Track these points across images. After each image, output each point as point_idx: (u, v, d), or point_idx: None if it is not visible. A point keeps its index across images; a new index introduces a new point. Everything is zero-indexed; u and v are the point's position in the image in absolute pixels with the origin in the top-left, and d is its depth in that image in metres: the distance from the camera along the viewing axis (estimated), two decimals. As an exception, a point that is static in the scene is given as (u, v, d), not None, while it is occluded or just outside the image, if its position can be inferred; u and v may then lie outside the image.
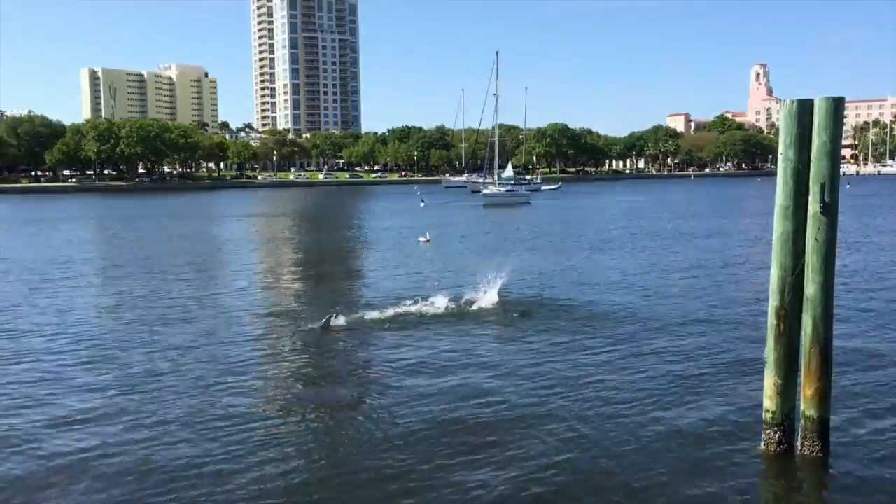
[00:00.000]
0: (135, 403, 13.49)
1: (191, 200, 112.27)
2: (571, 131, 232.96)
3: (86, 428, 12.28)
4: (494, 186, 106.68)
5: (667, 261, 33.74)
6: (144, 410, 13.10)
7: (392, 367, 15.66)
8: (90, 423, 12.50)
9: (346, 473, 10.40)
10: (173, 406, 13.30)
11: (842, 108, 9.88)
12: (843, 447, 10.89)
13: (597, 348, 17.10)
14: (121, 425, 12.39)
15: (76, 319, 21.42)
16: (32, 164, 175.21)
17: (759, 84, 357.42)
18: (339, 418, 12.72)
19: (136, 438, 11.77)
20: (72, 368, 15.98)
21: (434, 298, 22.13)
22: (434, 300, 22.00)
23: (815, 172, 9.81)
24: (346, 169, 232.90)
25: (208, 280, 29.41)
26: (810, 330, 10.08)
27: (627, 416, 12.50)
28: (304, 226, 62.53)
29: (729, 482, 10.00)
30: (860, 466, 10.40)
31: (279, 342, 18.14)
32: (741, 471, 10.32)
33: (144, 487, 10.01)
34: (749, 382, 13.89)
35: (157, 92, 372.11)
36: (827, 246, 9.87)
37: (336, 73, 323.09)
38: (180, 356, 16.80)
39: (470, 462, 10.68)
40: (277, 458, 10.95)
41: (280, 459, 10.89)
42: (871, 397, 13.31)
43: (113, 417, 12.77)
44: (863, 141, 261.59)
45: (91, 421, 12.62)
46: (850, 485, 9.92)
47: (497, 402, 13.30)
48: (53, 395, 14.09)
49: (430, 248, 40.71)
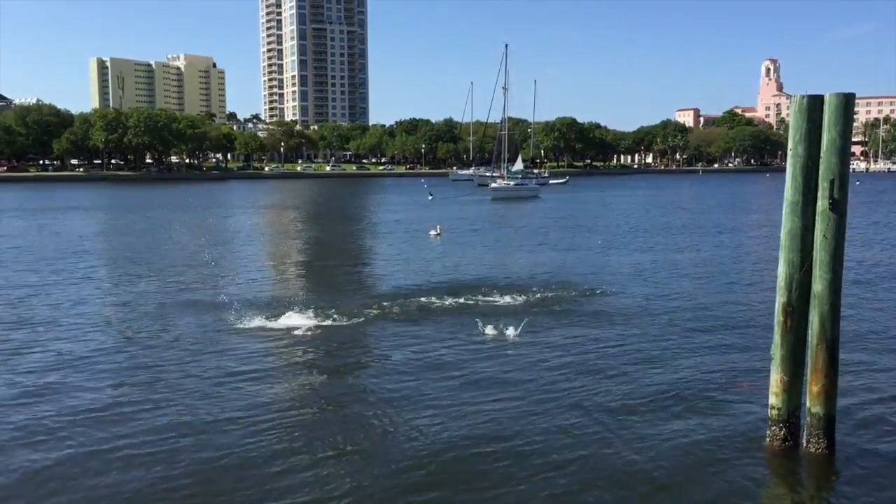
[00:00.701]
0: (148, 392, 13.57)
1: (199, 191, 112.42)
2: (580, 125, 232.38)
3: (97, 421, 12.34)
4: (503, 180, 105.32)
5: (675, 257, 33.71)
6: (156, 400, 13.17)
7: (401, 361, 15.69)
8: (101, 416, 12.56)
9: (359, 460, 10.45)
10: (189, 399, 13.36)
11: (852, 104, 9.82)
12: (849, 444, 10.87)
13: (605, 342, 17.09)
14: (139, 415, 12.45)
15: (89, 311, 21.52)
16: (40, 153, 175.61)
17: (770, 79, 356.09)
18: (349, 410, 12.76)
19: (153, 428, 11.84)
20: (84, 359, 16.06)
21: (447, 292, 22.35)
22: (447, 294, 22.27)
23: (825, 169, 9.77)
24: (354, 161, 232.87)
25: (220, 272, 29.48)
26: (817, 327, 10.05)
27: (632, 410, 12.49)
28: (314, 218, 62.53)
29: (733, 478, 9.99)
30: (865, 463, 10.38)
31: (295, 334, 18.12)
32: (746, 467, 10.31)
33: (166, 478, 10.07)
34: (755, 379, 13.86)
35: (165, 82, 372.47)
36: (835, 243, 9.83)
37: (344, 65, 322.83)
38: (197, 347, 16.83)
39: (479, 455, 10.71)
40: (289, 446, 11.00)
41: (289, 448, 10.94)
42: (877, 395, 13.27)
43: (129, 406, 12.84)
44: (873, 138, 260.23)
45: (101, 412, 12.69)
46: (855, 482, 9.90)
47: (507, 397, 13.33)
48: (68, 385, 14.16)
49: (440, 241, 40.76)
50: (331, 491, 9.66)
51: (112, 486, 9.78)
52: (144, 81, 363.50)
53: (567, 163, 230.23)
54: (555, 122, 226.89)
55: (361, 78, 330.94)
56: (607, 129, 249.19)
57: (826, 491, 9.91)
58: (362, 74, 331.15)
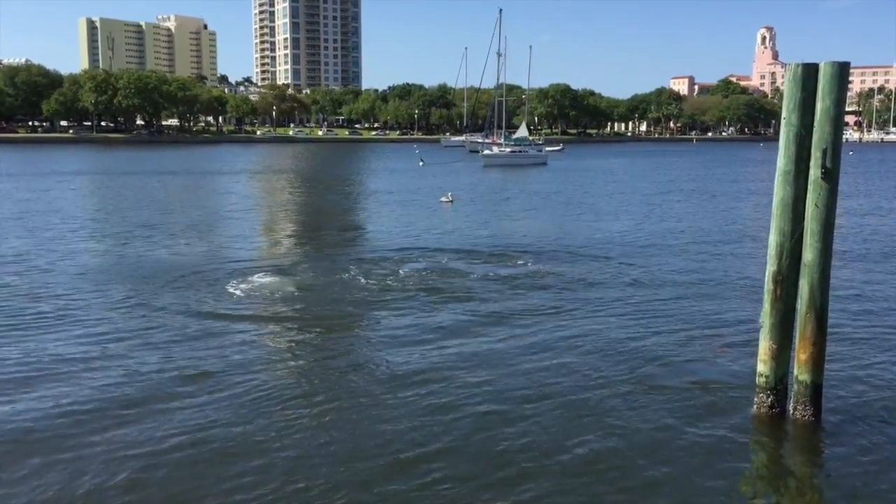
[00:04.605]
0: (138, 347, 13.61)
1: (191, 154, 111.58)
2: (574, 92, 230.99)
3: (67, 377, 12.38)
4: (497, 147, 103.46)
5: (666, 225, 33.79)
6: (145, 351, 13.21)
7: (417, 331, 15.70)
8: (70, 371, 12.61)
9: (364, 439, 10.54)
10: (178, 355, 13.41)
11: (846, 73, 9.78)
12: (834, 412, 11.00)
13: (599, 308, 17.19)
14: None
15: (73, 271, 21.48)
16: (29, 114, 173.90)
17: (765, 48, 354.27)
18: (358, 382, 12.84)
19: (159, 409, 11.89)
20: (63, 319, 16.06)
21: (462, 257, 23.26)
22: (462, 260, 22.96)
23: (818, 138, 9.76)
24: (346, 126, 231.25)
25: (218, 239, 29.34)
26: (807, 295, 10.12)
27: (620, 376, 12.61)
28: (311, 183, 61.80)
29: (720, 444, 10.11)
30: (850, 431, 10.52)
31: (314, 309, 18.07)
32: (732, 433, 10.43)
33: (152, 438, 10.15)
34: (743, 346, 13.98)
35: (155, 43, 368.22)
36: (827, 212, 9.86)
37: (337, 29, 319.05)
38: (209, 320, 16.65)
39: (480, 418, 10.82)
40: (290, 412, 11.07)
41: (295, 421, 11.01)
42: (863, 363, 13.41)
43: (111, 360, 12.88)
44: (867, 108, 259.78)
45: (89, 369, 12.73)
46: (840, 448, 10.04)
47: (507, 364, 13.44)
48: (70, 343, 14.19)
49: (452, 208, 40.67)
50: (329, 455, 9.76)
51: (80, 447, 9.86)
52: (134, 42, 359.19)
53: (561, 130, 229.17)
54: (548, 88, 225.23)
55: (354, 42, 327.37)
56: (601, 96, 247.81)
57: (812, 457, 10.05)
58: (355, 38, 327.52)
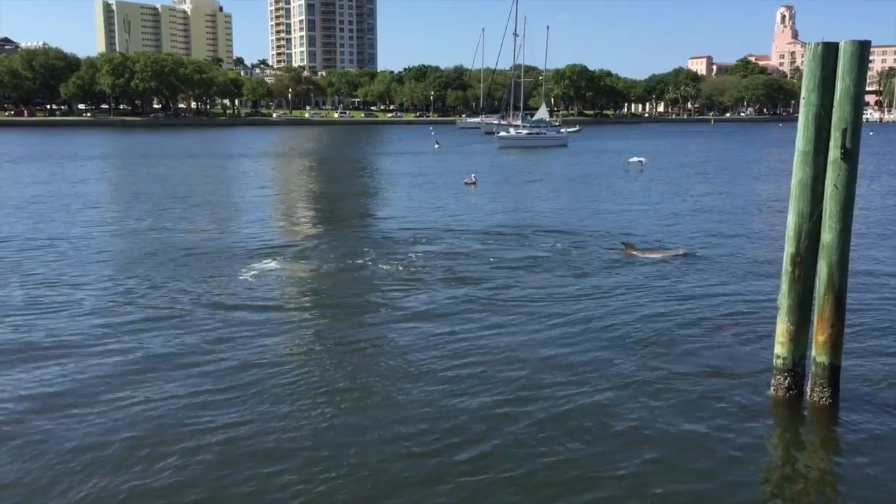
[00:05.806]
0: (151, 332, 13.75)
1: (209, 137, 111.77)
2: (590, 73, 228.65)
3: (79, 352, 12.52)
4: (514, 129, 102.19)
5: (685, 206, 33.61)
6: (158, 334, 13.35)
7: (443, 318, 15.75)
8: (123, 376, 12.74)
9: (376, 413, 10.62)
10: (192, 335, 13.53)
11: (867, 52, 9.65)
12: (852, 394, 10.95)
13: (615, 291, 17.18)
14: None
15: (94, 251, 21.67)
16: (47, 97, 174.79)
17: (785, 27, 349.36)
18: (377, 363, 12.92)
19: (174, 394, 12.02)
20: (94, 320, 16.23)
21: (486, 239, 23.68)
22: (491, 242, 23.34)
23: (838, 118, 9.65)
24: (362, 108, 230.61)
25: (238, 222, 29.48)
26: (825, 277, 10.05)
27: (638, 357, 12.61)
28: (335, 167, 61.54)
29: (737, 426, 10.10)
30: (868, 413, 10.47)
31: (341, 291, 18.16)
32: (750, 415, 10.41)
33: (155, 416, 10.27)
34: (761, 328, 13.92)
35: (171, 26, 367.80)
36: (846, 193, 9.76)
37: (353, 10, 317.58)
38: (223, 308, 16.70)
39: (489, 400, 10.87)
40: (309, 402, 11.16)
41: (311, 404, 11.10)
42: (882, 345, 13.33)
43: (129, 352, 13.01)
44: (888, 87, 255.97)
45: (103, 356, 12.87)
46: (858, 431, 10.00)
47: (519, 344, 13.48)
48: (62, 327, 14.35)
49: (475, 190, 40.58)
50: (344, 438, 9.84)
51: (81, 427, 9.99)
52: (151, 25, 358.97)
53: (577, 111, 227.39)
54: (565, 69, 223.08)
55: (370, 23, 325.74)
56: (618, 76, 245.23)
57: (829, 439, 10.01)
58: (371, 19, 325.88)
